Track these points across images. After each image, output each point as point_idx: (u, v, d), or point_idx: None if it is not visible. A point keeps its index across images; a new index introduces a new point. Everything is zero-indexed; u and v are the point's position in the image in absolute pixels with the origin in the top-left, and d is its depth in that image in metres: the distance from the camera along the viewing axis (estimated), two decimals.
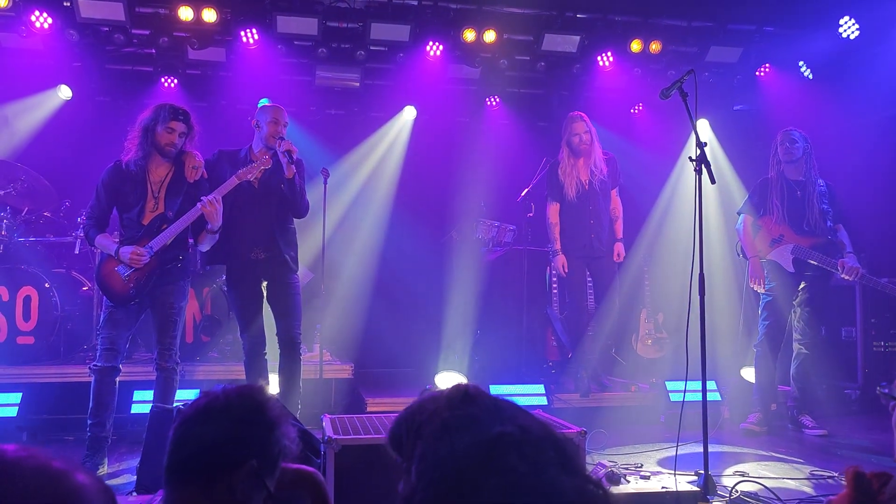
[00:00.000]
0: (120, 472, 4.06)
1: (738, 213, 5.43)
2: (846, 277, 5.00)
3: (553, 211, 5.61)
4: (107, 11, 5.74)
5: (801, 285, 5.20)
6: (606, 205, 5.64)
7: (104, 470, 4.00)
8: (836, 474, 3.97)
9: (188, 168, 4.15)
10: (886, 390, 1.48)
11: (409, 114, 7.33)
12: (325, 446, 2.78)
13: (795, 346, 5.29)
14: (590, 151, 5.51)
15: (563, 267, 5.55)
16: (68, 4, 5.71)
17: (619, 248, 5.67)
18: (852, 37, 6.12)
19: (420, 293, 6.80)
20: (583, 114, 5.64)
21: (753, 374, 5.40)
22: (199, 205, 3.99)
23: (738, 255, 5.48)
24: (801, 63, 6.62)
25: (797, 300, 5.24)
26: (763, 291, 5.25)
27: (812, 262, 5.08)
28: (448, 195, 6.86)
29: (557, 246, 5.57)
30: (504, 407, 0.98)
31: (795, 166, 5.21)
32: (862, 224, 5.83)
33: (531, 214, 6.04)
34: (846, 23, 6.11)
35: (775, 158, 5.28)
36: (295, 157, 4.28)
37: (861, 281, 5.03)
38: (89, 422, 3.99)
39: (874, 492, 1.23)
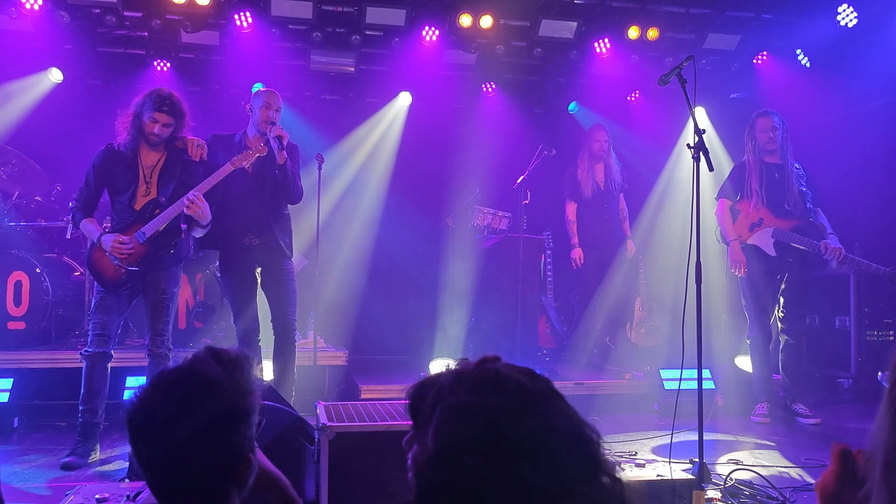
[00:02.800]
0: (112, 459, 4.04)
1: (716, 198, 5.41)
2: (829, 258, 4.99)
3: (571, 210, 6.36)
4: None
5: (785, 274, 5.17)
6: (616, 205, 6.39)
7: (96, 456, 3.98)
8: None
9: (193, 147, 4.12)
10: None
11: (404, 99, 7.27)
12: (319, 433, 2.76)
13: (781, 336, 5.27)
14: (608, 158, 6.33)
15: (579, 259, 6.28)
16: None
17: (631, 244, 6.41)
18: (850, 25, 6.08)
19: (415, 280, 6.78)
20: (602, 125, 6.44)
21: (751, 365, 5.38)
22: (184, 199, 3.93)
23: (718, 240, 5.45)
24: (798, 51, 6.58)
25: (779, 290, 5.20)
26: (743, 276, 5.20)
27: (794, 244, 5.05)
28: (443, 182, 6.82)
29: (575, 241, 6.30)
30: (535, 399, 0.95)
31: (774, 151, 5.19)
32: (857, 212, 5.83)
33: (526, 202, 6.01)
34: (844, 10, 6.07)
35: (752, 142, 5.23)
36: (286, 143, 4.23)
37: (844, 262, 5.01)
38: (81, 408, 3.96)
39: (858, 467, 1.22)
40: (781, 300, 5.21)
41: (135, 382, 4.81)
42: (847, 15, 6.06)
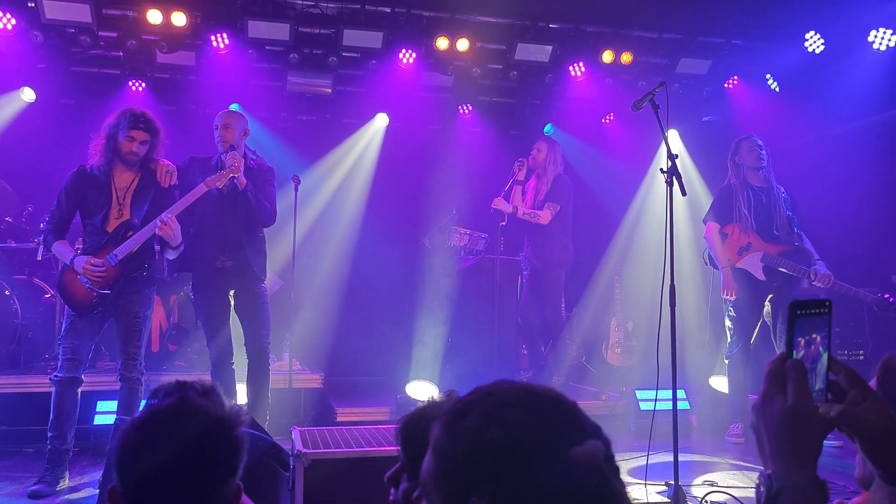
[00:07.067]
0: (82, 486, 3.94)
1: (704, 222, 5.39)
2: (818, 285, 4.95)
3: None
4: (73, 13, 5.60)
5: (770, 297, 5.16)
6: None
7: (65, 484, 3.88)
8: None
9: (162, 173, 4.07)
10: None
11: (381, 121, 7.29)
12: (294, 460, 2.73)
13: None
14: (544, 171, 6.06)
15: None
16: (32, 5, 5.57)
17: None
18: (817, 51, 6.24)
19: (391, 301, 6.75)
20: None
21: (727, 385, 5.36)
22: (157, 221, 3.90)
23: (706, 263, 5.43)
24: (768, 76, 6.73)
25: (769, 314, 5.17)
26: (732, 299, 5.20)
27: (782, 269, 5.04)
28: (420, 203, 6.83)
29: None
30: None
31: (760, 173, 5.20)
32: (825, 234, 5.93)
33: (503, 223, 6.04)
34: (811, 37, 6.22)
35: (739, 164, 5.21)
36: (233, 179, 4.19)
37: (833, 288, 4.95)
38: (49, 434, 3.87)
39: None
40: (775, 325, 5.14)
41: (106, 407, 4.72)
42: (814, 42, 6.22)
